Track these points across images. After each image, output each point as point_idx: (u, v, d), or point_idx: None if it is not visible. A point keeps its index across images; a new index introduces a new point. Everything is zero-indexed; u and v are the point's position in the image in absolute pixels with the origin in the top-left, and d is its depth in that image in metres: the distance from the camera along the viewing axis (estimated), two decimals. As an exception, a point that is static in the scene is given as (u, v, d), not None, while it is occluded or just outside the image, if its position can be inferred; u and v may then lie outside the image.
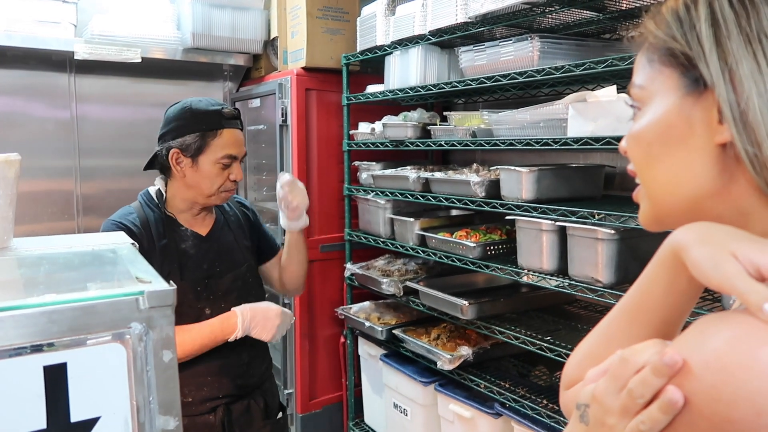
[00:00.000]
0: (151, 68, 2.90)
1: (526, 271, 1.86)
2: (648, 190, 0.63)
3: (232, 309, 1.61)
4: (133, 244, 0.92)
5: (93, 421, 0.64)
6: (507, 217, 1.90)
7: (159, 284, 0.69)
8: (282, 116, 2.69)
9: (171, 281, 0.70)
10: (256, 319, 1.60)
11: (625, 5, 1.81)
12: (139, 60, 2.72)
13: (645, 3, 1.76)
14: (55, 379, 0.62)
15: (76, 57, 2.59)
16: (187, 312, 1.59)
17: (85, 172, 2.89)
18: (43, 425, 0.61)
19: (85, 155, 2.89)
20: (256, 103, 3.03)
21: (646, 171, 0.63)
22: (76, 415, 0.63)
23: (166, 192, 1.68)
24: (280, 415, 1.82)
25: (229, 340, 1.58)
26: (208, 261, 1.67)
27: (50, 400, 0.61)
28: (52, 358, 0.62)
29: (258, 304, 1.65)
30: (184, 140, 1.59)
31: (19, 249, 0.85)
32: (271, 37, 2.97)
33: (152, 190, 1.70)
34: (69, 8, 2.65)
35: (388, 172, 2.46)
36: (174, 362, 0.68)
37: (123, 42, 2.69)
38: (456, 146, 2.15)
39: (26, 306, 0.60)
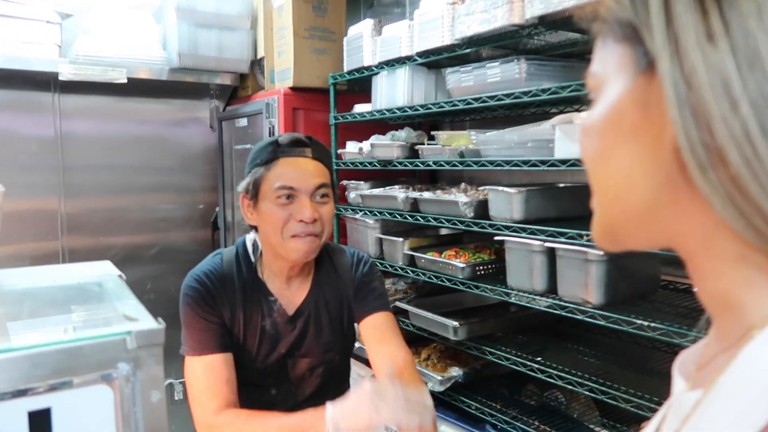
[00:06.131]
0: (136, 87, 2.88)
1: (515, 291, 1.86)
2: (595, 193, 0.51)
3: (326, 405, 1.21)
4: (120, 276, 0.90)
5: (79, 467, 0.62)
6: (496, 238, 1.90)
7: (147, 322, 0.68)
8: (269, 135, 2.68)
9: (159, 319, 0.69)
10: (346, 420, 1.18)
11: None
12: (125, 80, 2.70)
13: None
14: (40, 423, 0.60)
15: (60, 78, 2.57)
16: (251, 391, 1.42)
17: (70, 192, 2.86)
18: (27, 473, 0.59)
19: (70, 174, 2.86)
20: (243, 122, 3.02)
21: (592, 169, 0.50)
22: (61, 460, 0.61)
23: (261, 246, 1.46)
24: None
25: None
26: (288, 344, 1.46)
27: (34, 447, 0.60)
28: (36, 402, 0.60)
29: (348, 400, 1.20)
30: (246, 182, 1.41)
31: (2, 283, 0.84)
32: (258, 57, 2.96)
33: (249, 240, 1.48)
34: (53, 29, 2.63)
35: (377, 191, 2.45)
36: (162, 402, 0.67)
37: (108, 62, 2.68)
38: (444, 166, 2.15)
39: (8, 350, 0.58)
